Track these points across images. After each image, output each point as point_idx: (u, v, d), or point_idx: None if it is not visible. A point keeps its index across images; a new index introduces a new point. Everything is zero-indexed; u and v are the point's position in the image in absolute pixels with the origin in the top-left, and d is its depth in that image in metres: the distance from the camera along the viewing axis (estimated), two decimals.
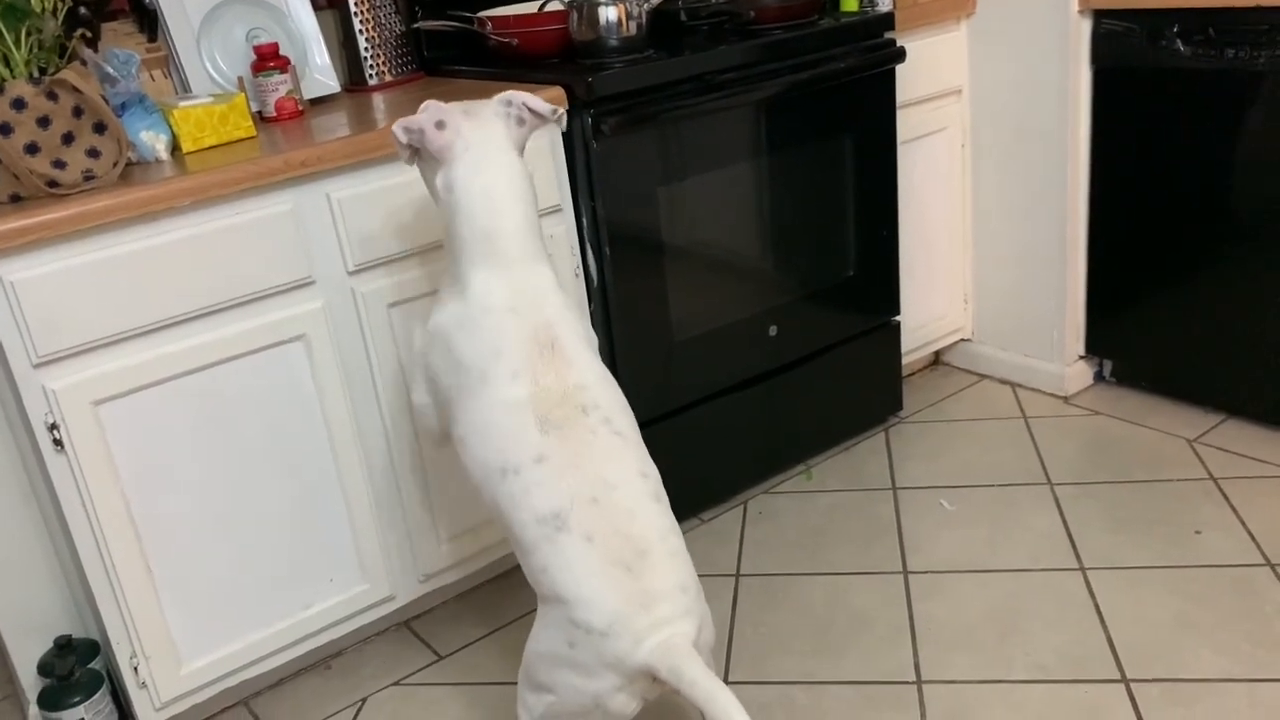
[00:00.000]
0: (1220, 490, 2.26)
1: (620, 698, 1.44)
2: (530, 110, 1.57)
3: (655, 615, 1.42)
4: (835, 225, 2.43)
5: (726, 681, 1.85)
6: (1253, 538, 2.09)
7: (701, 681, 1.38)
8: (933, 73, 2.59)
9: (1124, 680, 1.78)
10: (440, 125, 1.51)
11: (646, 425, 2.20)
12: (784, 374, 2.43)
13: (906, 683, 1.84)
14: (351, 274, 1.87)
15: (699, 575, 1.51)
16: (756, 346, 2.37)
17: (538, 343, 1.49)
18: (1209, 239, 2.41)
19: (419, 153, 1.58)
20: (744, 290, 2.33)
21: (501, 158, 1.53)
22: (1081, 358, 2.74)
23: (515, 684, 1.95)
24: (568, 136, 2.03)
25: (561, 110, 1.62)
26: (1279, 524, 2.12)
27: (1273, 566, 2.01)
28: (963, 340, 2.91)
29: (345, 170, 1.82)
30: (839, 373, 2.54)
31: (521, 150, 1.57)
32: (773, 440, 2.48)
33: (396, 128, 1.53)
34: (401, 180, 1.87)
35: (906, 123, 2.54)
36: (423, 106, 1.54)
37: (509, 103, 1.56)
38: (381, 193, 1.85)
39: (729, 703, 1.34)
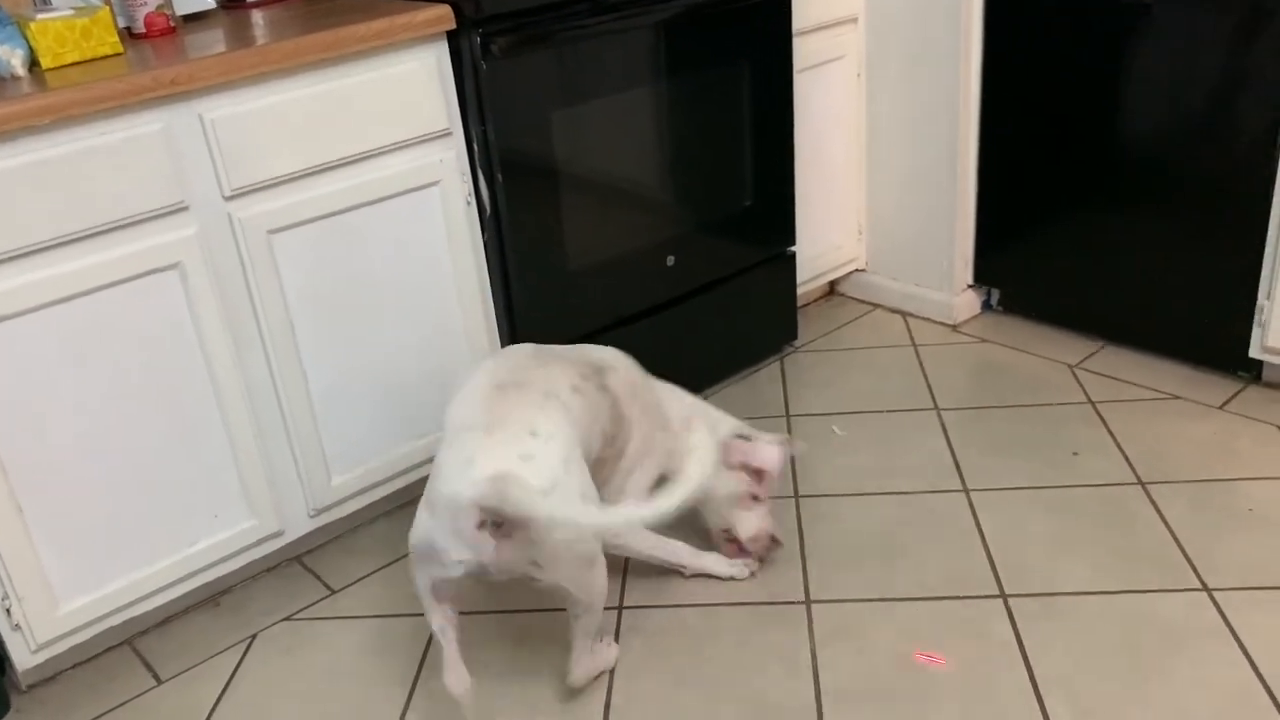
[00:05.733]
0: (1098, 413, 2.35)
1: (453, 544, 1.43)
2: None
3: (493, 439, 1.44)
4: (732, 154, 2.42)
5: (620, 607, 1.89)
6: (1126, 458, 2.18)
7: (524, 501, 1.37)
8: (828, 0, 2.58)
9: (1002, 595, 1.85)
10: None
11: None
12: (681, 304, 2.43)
13: (795, 602, 1.88)
14: (228, 199, 1.79)
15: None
16: (654, 277, 2.36)
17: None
18: (1093, 170, 2.46)
19: None
20: (641, 219, 2.31)
21: None
22: (970, 287, 2.80)
23: (410, 615, 1.95)
24: (456, 57, 1.97)
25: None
26: (1151, 445, 2.22)
27: (1144, 485, 2.10)
28: (857, 270, 2.94)
29: (220, 89, 1.73)
30: (736, 303, 2.55)
31: None
32: (670, 370, 2.47)
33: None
34: (281, 99, 1.79)
35: (803, 51, 2.53)
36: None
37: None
38: (260, 113, 1.77)
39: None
